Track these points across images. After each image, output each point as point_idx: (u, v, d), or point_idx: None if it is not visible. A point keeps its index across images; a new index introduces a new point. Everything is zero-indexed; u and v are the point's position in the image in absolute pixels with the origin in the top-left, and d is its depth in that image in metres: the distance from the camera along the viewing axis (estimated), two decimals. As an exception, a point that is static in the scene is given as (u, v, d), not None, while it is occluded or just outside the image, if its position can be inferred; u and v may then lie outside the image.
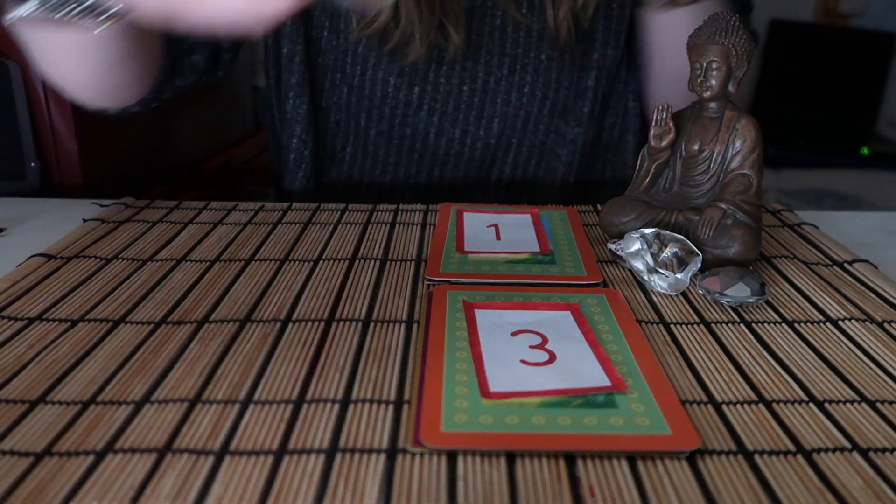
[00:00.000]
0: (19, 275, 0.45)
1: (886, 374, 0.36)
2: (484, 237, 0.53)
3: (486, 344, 0.37)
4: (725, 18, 0.48)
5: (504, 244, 0.51)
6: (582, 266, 0.48)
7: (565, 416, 0.31)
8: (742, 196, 0.47)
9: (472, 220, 0.56)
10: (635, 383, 0.34)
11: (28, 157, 0.77)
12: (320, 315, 0.41)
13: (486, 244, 0.51)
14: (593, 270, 0.47)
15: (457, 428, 0.31)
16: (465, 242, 0.51)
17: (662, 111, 0.50)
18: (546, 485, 0.28)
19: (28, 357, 0.36)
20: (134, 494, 0.27)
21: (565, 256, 0.49)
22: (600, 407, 0.32)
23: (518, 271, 0.47)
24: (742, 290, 0.42)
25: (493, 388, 0.33)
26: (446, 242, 0.51)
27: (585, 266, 0.48)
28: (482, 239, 0.52)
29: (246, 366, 0.36)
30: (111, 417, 0.32)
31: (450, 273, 0.46)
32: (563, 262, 0.48)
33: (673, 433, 0.30)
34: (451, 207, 0.59)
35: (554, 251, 0.50)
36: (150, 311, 0.41)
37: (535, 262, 0.48)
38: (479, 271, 0.46)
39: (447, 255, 0.49)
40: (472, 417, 0.31)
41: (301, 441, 0.30)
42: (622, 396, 0.33)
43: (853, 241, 0.54)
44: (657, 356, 0.37)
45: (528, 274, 0.46)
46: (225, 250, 0.50)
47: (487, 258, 0.49)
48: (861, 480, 0.29)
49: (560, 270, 0.47)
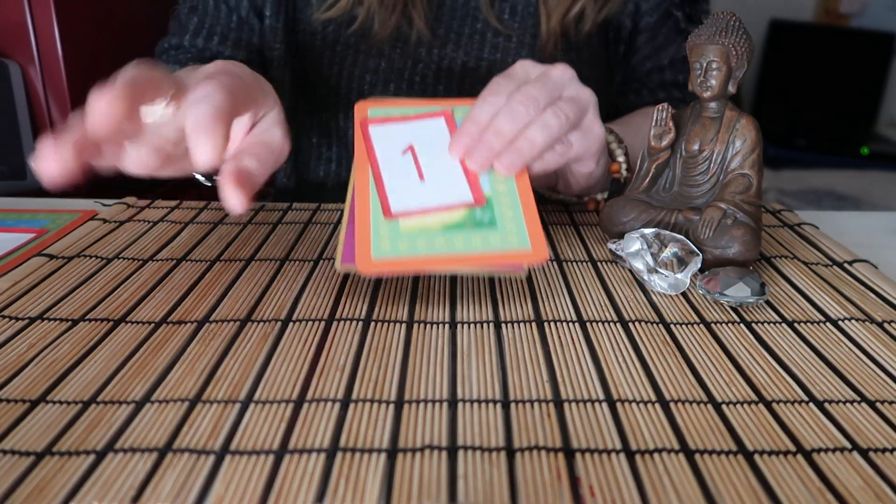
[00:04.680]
0: (20, 274, 0.45)
1: (886, 374, 0.36)
2: (405, 178, 0.46)
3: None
4: (725, 18, 0.48)
5: (430, 190, 0.46)
6: (526, 233, 0.43)
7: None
8: (742, 196, 0.47)
9: (383, 141, 0.49)
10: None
11: (28, 157, 0.77)
12: (320, 315, 0.41)
13: (411, 193, 0.45)
14: (538, 239, 0.42)
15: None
16: (388, 194, 0.45)
17: (662, 111, 0.50)
18: (546, 484, 0.28)
19: (29, 356, 0.36)
20: (134, 494, 0.27)
21: (505, 211, 0.44)
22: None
23: (457, 246, 0.41)
24: (742, 290, 0.42)
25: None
26: (370, 201, 0.44)
27: (529, 231, 0.43)
28: (404, 184, 0.46)
29: (246, 365, 0.36)
30: (111, 417, 0.32)
31: (383, 261, 0.40)
32: (505, 225, 0.43)
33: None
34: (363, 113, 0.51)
35: (491, 201, 0.45)
36: (151, 310, 0.41)
37: (474, 224, 0.43)
38: (415, 251, 0.41)
39: (376, 229, 0.42)
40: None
41: (301, 441, 0.30)
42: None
43: (853, 241, 0.54)
44: (657, 356, 0.37)
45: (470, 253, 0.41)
46: (225, 250, 0.50)
47: (420, 225, 0.43)
48: (861, 480, 0.29)
49: (502, 241, 0.42)
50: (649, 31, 0.74)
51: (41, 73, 0.82)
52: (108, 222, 0.55)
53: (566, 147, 0.49)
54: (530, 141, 0.46)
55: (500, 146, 0.46)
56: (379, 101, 0.52)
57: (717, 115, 0.49)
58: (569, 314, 0.42)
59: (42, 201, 0.63)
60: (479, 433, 0.31)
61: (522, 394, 0.34)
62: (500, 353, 0.37)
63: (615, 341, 0.39)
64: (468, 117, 0.48)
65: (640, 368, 0.36)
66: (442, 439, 0.30)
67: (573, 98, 0.49)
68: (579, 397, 0.34)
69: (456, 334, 0.39)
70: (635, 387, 0.35)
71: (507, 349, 0.38)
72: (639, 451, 0.30)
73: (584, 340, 0.39)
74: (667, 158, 0.51)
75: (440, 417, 0.32)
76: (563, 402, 0.33)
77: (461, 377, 0.35)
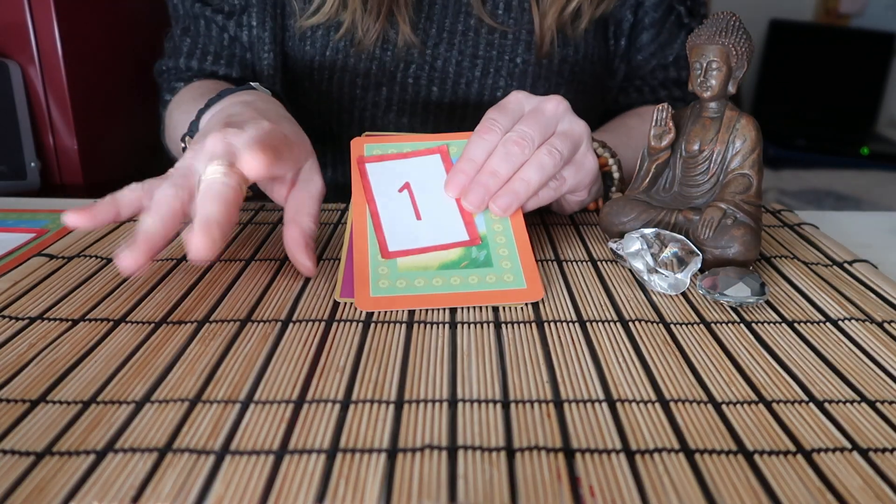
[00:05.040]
0: (20, 274, 0.45)
1: (886, 374, 0.36)
2: (402, 216, 0.48)
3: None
4: (725, 18, 0.48)
5: (427, 229, 0.47)
6: (521, 272, 0.44)
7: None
8: (742, 196, 0.47)
9: (380, 178, 0.50)
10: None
11: (28, 157, 0.77)
12: (320, 315, 0.41)
13: (408, 232, 0.46)
14: (534, 278, 0.44)
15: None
16: (386, 234, 0.46)
17: (662, 111, 0.50)
18: (546, 484, 0.28)
19: (29, 356, 0.36)
20: (134, 494, 0.27)
21: (500, 251, 0.46)
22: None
23: (454, 285, 0.43)
24: (742, 290, 0.42)
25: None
26: (369, 239, 0.46)
27: (525, 270, 0.44)
28: (401, 223, 0.47)
29: (246, 366, 0.36)
30: (111, 417, 0.32)
31: (381, 298, 0.42)
32: (500, 264, 0.45)
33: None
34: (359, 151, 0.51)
35: (487, 240, 0.46)
36: (151, 310, 0.41)
37: (470, 263, 0.45)
38: (414, 290, 0.43)
39: (374, 268, 0.44)
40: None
41: (302, 441, 0.30)
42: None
43: (853, 241, 0.54)
44: (657, 356, 0.37)
45: (466, 292, 0.43)
46: (225, 250, 0.50)
47: (417, 264, 0.45)
48: (861, 480, 0.29)
49: (497, 280, 0.43)
50: (654, 29, 0.73)
51: (41, 73, 0.82)
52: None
53: (560, 182, 0.50)
54: (525, 182, 0.47)
55: (495, 187, 0.47)
56: (375, 136, 0.52)
57: (717, 115, 0.49)
58: (569, 314, 0.42)
59: (42, 201, 0.63)
60: (479, 433, 0.31)
61: (522, 394, 0.34)
62: (500, 353, 0.37)
63: (615, 341, 0.39)
64: (463, 155, 0.49)
65: (640, 368, 0.36)
66: (442, 439, 0.30)
67: (566, 133, 0.50)
68: (579, 397, 0.34)
69: (456, 334, 0.39)
70: (635, 387, 0.35)
71: (507, 349, 0.38)
72: (639, 451, 0.30)
73: (584, 340, 0.39)
74: (667, 158, 0.51)
75: (440, 417, 0.32)
76: (563, 402, 0.33)
77: (461, 377, 0.35)
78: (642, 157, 0.52)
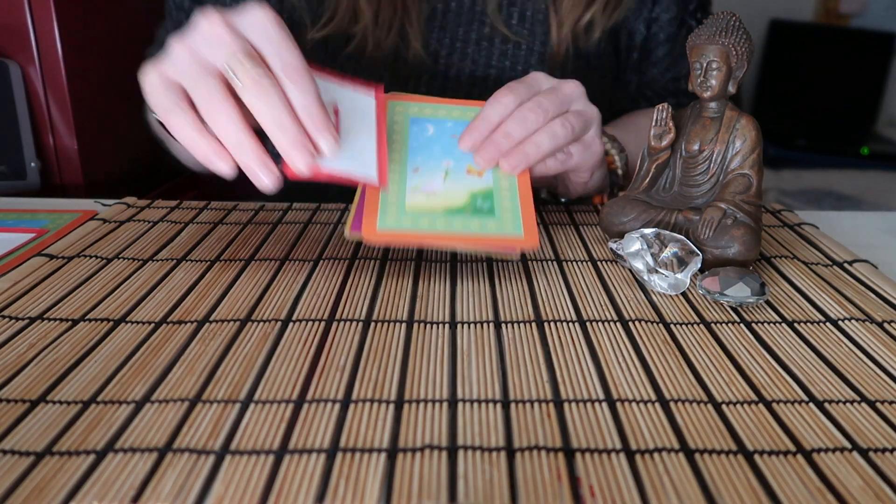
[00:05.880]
0: (20, 275, 0.45)
1: (886, 374, 0.36)
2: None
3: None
4: (725, 18, 0.48)
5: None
6: (520, 222, 0.46)
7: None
8: (742, 196, 0.47)
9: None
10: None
11: (28, 157, 0.77)
12: (320, 315, 0.41)
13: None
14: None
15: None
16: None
17: (662, 111, 0.50)
18: (546, 484, 0.28)
19: (29, 356, 0.36)
20: (134, 494, 0.27)
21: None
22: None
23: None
24: (742, 290, 0.42)
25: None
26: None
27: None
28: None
29: (246, 365, 0.36)
30: (111, 417, 0.32)
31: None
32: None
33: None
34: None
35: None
36: (151, 310, 0.41)
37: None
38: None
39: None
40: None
41: (301, 441, 0.30)
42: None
43: (853, 241, 0.54)
44: (657, 356, 0.37)
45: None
46: (225, 250, 0.50)
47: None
48: (861, 480, 0.29)
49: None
50: (669, 44, 0.74)
51: (41, 73, 0.82)
52: (108, 222, 0.55)
53: (567, 156, 0.52)
54: (536, 145, 0.49)
55: (507, 147, 0.49)
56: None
57: (717, 115, 0.49)
58: (569, 314, 0.42)
59: (42, 201, 0.63)
60: (479, 433, 0.31)
61: (522, 394, 0.34)
62: (500, 353, 0.37)
63: (615, 341, 0.39)
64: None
65: (640, 368, 0.36)
66: (442, 439, 0.30)
67: (580, 113, 0.52)
68: (579, 397, 0.34)
69: (456, 334, 0.39)
70: (635, 386, 0.35)
71: (507, 349, 0.38)
72: (639, 451, 0.30)
73: (584, 340, 0.39)
74: (667, 158, 0.51)
75: (440, 417, 0.32)
76: (563, 402, 0.33)
77: (461, 377, 0.35)
78: (642, 157, 0.52)
